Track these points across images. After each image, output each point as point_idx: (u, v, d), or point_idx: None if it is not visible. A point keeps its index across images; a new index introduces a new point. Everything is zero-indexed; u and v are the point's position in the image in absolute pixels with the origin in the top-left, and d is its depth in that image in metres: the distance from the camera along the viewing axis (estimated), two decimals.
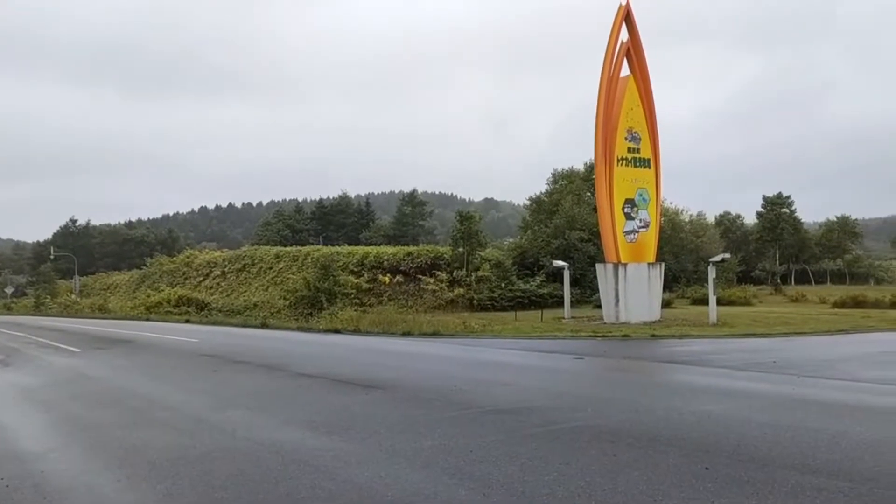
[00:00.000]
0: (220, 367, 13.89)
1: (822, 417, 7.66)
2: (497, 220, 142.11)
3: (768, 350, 15.48)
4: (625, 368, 13.65)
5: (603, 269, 24.76)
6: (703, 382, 10.87)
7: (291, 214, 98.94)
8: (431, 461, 5.93)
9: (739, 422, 7.39)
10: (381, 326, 24.14)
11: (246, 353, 17.19)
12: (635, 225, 25.05)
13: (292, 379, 11.90)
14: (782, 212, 69.63)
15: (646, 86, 25.61)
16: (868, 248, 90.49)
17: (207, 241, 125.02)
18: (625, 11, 24.83)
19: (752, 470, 5.47)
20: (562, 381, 11.48)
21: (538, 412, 8.16)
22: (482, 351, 16.72)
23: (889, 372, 11.62)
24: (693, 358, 14.31)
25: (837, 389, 9.80)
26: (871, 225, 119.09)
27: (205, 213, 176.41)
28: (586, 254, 38.00)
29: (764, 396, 9.22)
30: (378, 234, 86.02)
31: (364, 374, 12.29)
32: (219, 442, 6.96)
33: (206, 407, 9.18)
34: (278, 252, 49.32)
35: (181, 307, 42.13)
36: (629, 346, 17.60)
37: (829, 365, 12.68)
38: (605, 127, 24.35)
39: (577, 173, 53.38)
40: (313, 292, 34.12)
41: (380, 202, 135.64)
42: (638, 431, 6.98)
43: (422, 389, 10.25)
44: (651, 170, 25.64)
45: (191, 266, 54.73)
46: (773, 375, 11.25)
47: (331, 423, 7.68)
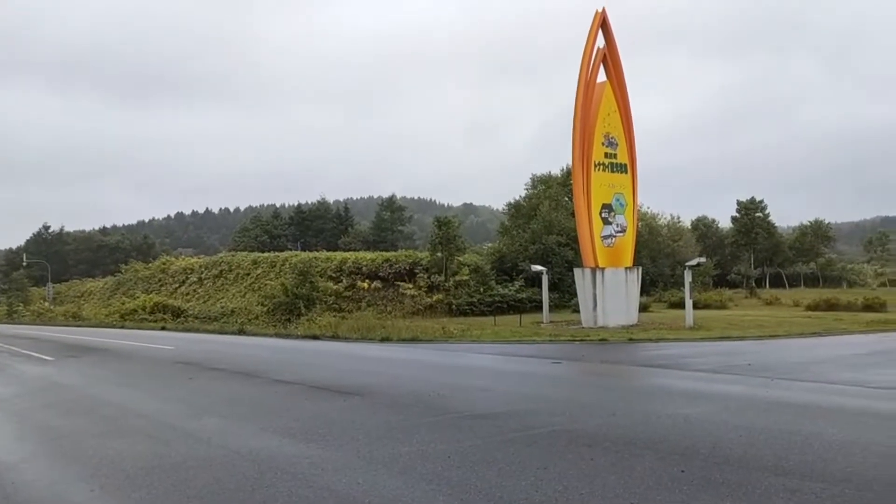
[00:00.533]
0: (196, 375, 13.74)
1: (796, 419, 7.76)
2: (476, 225, 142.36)
3: (743, 353, 15.65)
4: (602, 372, 13.72)
5: (581, 274, 24.91)
6: (680, 386, 10.96)
7: (269, 220, 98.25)
8: (409, 467, 5.92)
9: (715, 424, 7.46)
10: (359, 332, 24.04)
11: (222, 360, 17.03)
12: (612, 230, 25.24)
13: (269, 386, 11.80)
14: (756, 216, 70.58)
15: (622, 92, 25.85)
16: (841, 251, 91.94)
17: (184, 248, 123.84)
18: (601, 18, 25.07)
19: (727, 472, 5.52)
20: (540, 386, 11.52)
21: (516, 417, 8.17)
22: (461, 356, 16.72)
23: (861, 374, 11.80)
24: (669, 361, 14.42)
25: (810, 391, 9.93)
26: (843, 229, 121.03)
27: (181, 219, 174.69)
28: (564, 258, 38.22)
29: (739, 399, 9.32)
30: (357, 240, 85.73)
31: (342, 380, 12.23)
32: (194, 450, 6.88)
33: (182, 415, 9.08)
34: (256, 258, 48.97)
35: (157, 314, 41.66)
36: (607, 349, 17.71)
37: (802, 367, 12.85)
38: (582, 132, 24.53)
39: (554, 178, 53.64)
40: (291, 298, 33.94)
41: (358, 207, 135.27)
42: (615, 435, 7.02)
43: (400, 395, 10.22)
44: (628, 175, 25.87)
45: (167, 273, 54.13)
46: (748, 378, 11.37)
47: (308, 430, 7.63)
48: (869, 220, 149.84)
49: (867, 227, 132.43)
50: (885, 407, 8.62)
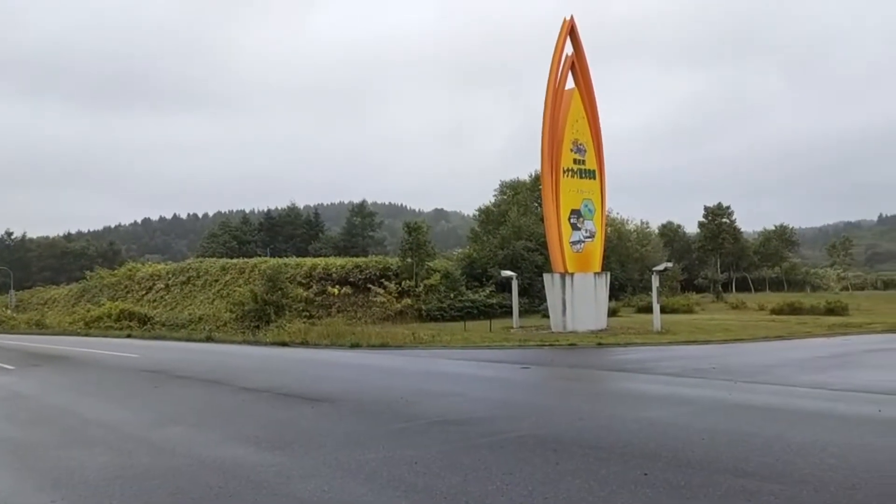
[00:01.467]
0: (162, 383, 13.55)
1: (758, 422, 7.90)
2: (447, 231, 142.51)
3: (708, 357, 15.90)
4: (570, 377, 13.83)
5: (550, 279, 25.09)
6: (646, 389, 11.10)
7: (238, 226, 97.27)
8: (375, 474, 5.91)
9: (679, 428, 7.57)
10: (329, 339, 23.93)
11: (189, 367, 16.82)
12: (581, 235, 25.48)
13: (236, 394, 11.69)
14: (723, 221, 71.70)
15: (590, 98, 26.15)
16: (804, 256, 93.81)
17: (150, 254, 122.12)
18: (569, 26, 25.35)
19: (689, 475, 5.61)
20: (508, 391, 11.58)
21: (484, 422, 8.21)
22: (431, 362, 16.72)
23: (822, 376, 12.07)
24: (637, 365, 14.59)
25: (773, 394, 10.12)
26: (807, 234, 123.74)
27: (148, 225, 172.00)
28: (534, 263, 38.45)
29: (703, 402, 9.47)
30: (327, 246, 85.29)
31: (310, 387, 12.16)
32: (158, 460, 6.79)
33: (146, 424, 8.95)
34: (224, 264, 48.43)
35: (122, 321, 40.98)
36: (575, 354, 17.86)
37: (765, 370, 13.10)
38: (550, 139, 24.75)
39: (523, 184, 54.01)
40: (260, 305, 33.66)
41: (329, 213, 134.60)
42: (581, 439, 7.09)
43: (369, 402, 10.19)
44: (596, 181, 26.15)
45: (133, 279, 53.26)
46: (713, 381, 11.56)
47: (275, 438, 7.57)
48: (832, 226, 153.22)
49: (830, 232, 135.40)
50: (843, 409, 8.82)
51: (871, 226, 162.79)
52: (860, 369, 13.14)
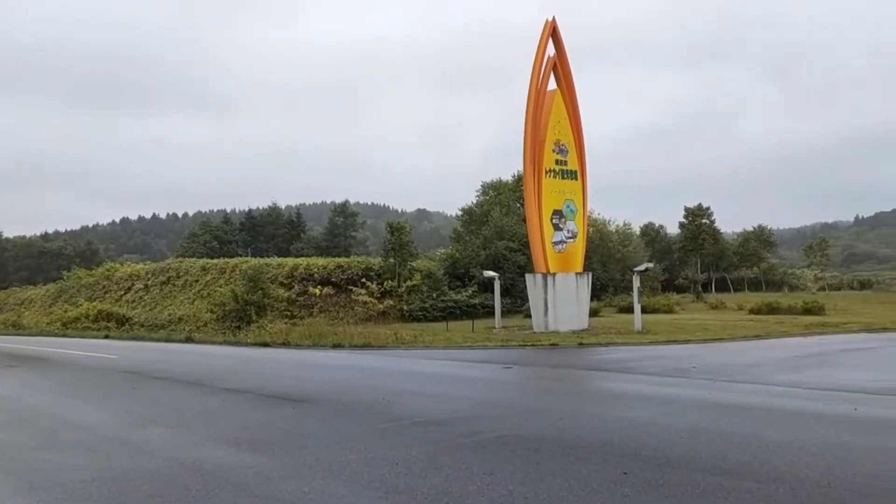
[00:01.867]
0: (140, 384, 13.42)
1: (736, 420, 7.99)
2: (430, 231, 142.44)
3: (688, 356, 16.03)
4: (552, 377, 13.89)
5: (532, 279, 25.17)
6: (627, 389, 11.18)
7: (219, 225, 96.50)
8: (356, 475, 5.90)
9: (658, 427, 7.63)
10: (311, 339, 23.83)
11: (168, 368, 16.67)
12: (563, 235, 25.57)
13: (216, 394, 11.60)
14: (703, 222, 72.30)
15: (572, 99, 26.25)
16: (782, 256, 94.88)
17: (129, 254, 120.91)
18: (551, 27, 25.43)
19: (668, 473, 5.66)
20: (490, 391, 11.60)
21: (465, 422, 8.22)
22: (413, 362, 16.71)
23: (799, 375, 12.22)
24: (618, 365, 14.69)
25: (750, 393, 10.24)
26: (784, 235, 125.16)
27: (127, 225, 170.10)
28: (516, 264, 38.54)
29: (682, 401, 9.55)
30: (309, 246, 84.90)
31: (292, 387, 12.11)
32: (136, 462, 6.72)
33: (124, 425, 8.86)
34: (205, 264, 48.00)
35: (101, 322, 40.47)
36: (557, 354, 17.93)
37: (743, 370, 13.24)
38: (533, 139, 24.83)
39: (506, 184, 54.14)
40: (241, 305, 33.42)
41: (311, 213, 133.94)
42: (562, 439, 7.12)
43: (350, 402, 10.16)
44: (578, 181, 26.27)
45: (111, 279, 52.64)
46: (692, 381, 11.67)
47: (255, 439, 7.53)
48: (809, 227, 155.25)
49: (807, 233, 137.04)
50: (819, 408, 8.93)
51: (848, 227, 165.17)
52: (836, 368, 13.31)
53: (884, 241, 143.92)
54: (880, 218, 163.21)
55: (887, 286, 70.44)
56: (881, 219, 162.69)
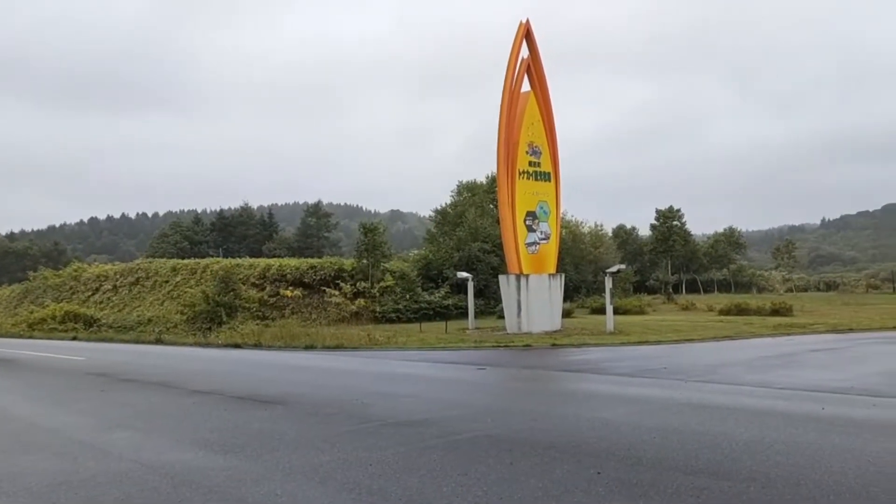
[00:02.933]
0: (108, 387, 13.19)
1: (706, 420, 8.08)
2: (403, 232, 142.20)
3: (660, 357, 16.20)
4: (525, 378, 13.93)
5: (506, 281, 25.24)
6: (599, 389, 11.25)
7: (190, 226, 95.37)
8: (329, 477, 5.85)
9: (631, 427, 7.69)
10: (283, 340, 23.64)
11: (137, 370, 16.41)
12: (537, 237, 25.69)
13: (186, 396, 11.44)
14: (674, 224, 73.10)
15: (546, 101, 26.39)
16: (751, 258, 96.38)
17: (97, 254, 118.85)
18: (525, 29, 25.54)
19: (641, 473, 5.70)
20: (463, 392, 11.59)
21: (439, 423, 8.20)
22: (386, 363, 16.65)
23: (767, 375, 12.40)
24: (590, 366, 14.79)
25: (720, 393, 10.36)
26: (753, 237, 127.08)
27: (95, 225, 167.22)
28: (489, 265, 38.62)
29: (654, 402, 9.63)
30: (281, 246, 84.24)
31: (263, 389, 11.98)
32: (104, 465, 6.59)
33: (92, 428, 8.69)
34: (175, 265, 47.41)
35: (68, 323, 39.75)
36: (530, 355, 17.99)
37: (713, 370, 13.40)
38: (506, 141, 24.91)
39: (479, 186, 54.20)
40: (212, 306, 33.07)
41: (283, 213, 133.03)
42: (535, 439, 7.14)
43: (323, 404, 10.09)
44: (551, 183, 26.41)
45: (79, 280, 51.75)
46: (663, 381, 11.78)
47: (226, 442, 7.43)
48: (776, 229, 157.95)
49: (775, 235, 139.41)
50: (788, 407, 9.07)
51: (814, 229, 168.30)
52: (804, 369, 13.53)
53: (849, 243, 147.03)
54: (846, 220, 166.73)
55: (852, 288, 71.83)
56: (846, 221, 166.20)
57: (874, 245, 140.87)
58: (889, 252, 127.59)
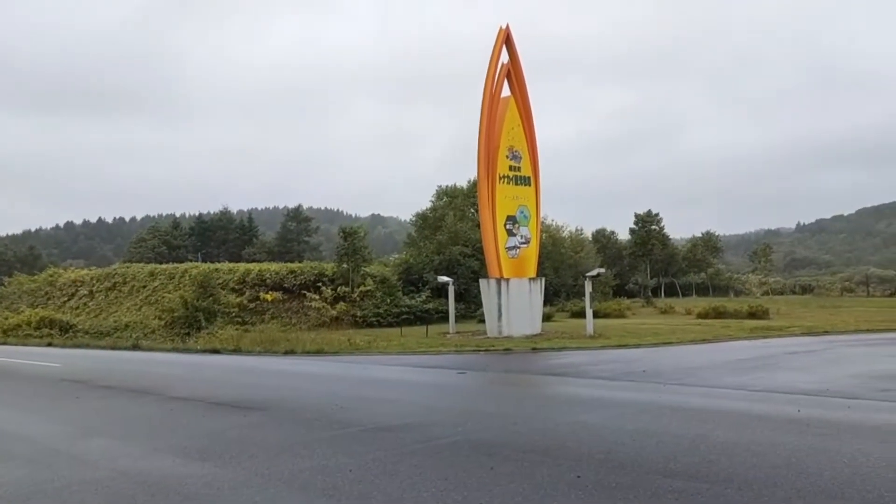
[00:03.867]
0: (84, 393, 13.01)
1: (684, 423, 8.14)
2: (384, 236, 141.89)
3: (639, 360, 16.30)
4: (506, 382, 13.96)
5: (486, 285, 25.28)
6: (579, 393, 11.30)
7: (168, 230, 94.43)
8: (309, 483, 5.81)
9: (610, 430, 7.73)
10: (262, 345, 23.45)
11: (113, 377, 16.20)
12: (517, 241, 25.77)
13: (164, 403, 11.31)
14: (652, 228, 73.69)
15: (526, 106, 26.50)
16: (728, 262, 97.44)
17: (74, 259, 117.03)
18: (505, 35, 25.64)
19: (620, 476, 5.73)
20: (444, 397, 11.59)
21: (419, 428, 8.19)
22: (366, 368, 16.59)
23: (745, 378, 12.53)
24: (570, 370, 14.84)
25: (699, 396, 10.46)
26: (730, 241, 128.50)
27: (71, 229, 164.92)
28: (470, 269, 38.66)
29: (633, 405, 9.69)
30: (261, 251, 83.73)
31: (242, 395, 11.89)
32: (80, 474, 6.50)
33: (67, 436, 8.57)
34: (153, 269, 46.91)
35: (43, 329, 39.08)
36: (511, 359, 18.03)
37: (692, 373, 13.52)
38: (487, 145, 24.97)
39: (460, 190, 54.29)
40: (191, 311, 32.71)
41: (264, 218, 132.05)
42: (515, 444, 7.15)
43: (303, 409, 10.04)
44: (532, 187, 26.51)
45: (54, 285, 51.01)
46: (643, 384, 11.87)
47: (204, 449, 7.36)
48: (753, 233, 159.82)
49: (751, 239, 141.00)
50: (764, 409, 9.17)
51: (790, 233, 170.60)
52: (780, 371, 13.69)
53: (824, 247, 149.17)
54: (821, 224, 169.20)
55: (827, 291, 72.92)
56: (822, 225, 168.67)
57: (849, 249, 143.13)
58: (863, 255, 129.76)
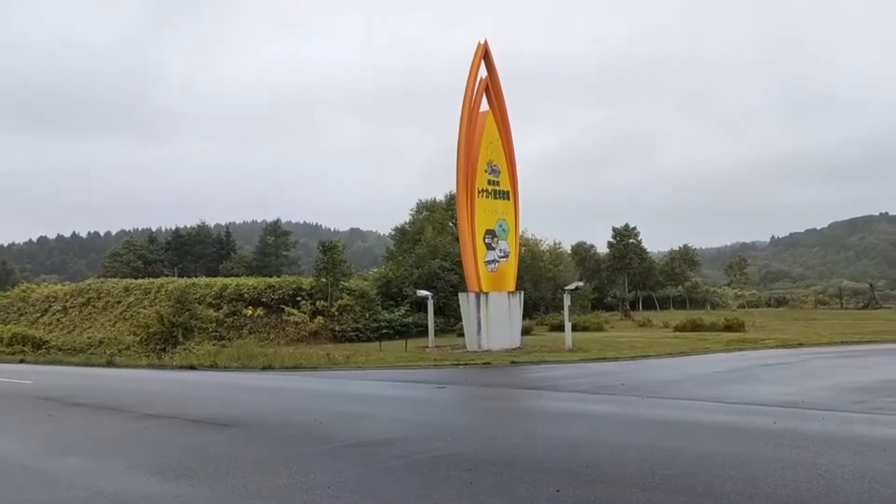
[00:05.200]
0: (57, 411, 12.78)
1: (663, 436, 8.19)
2: (363, 251, 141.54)
3: (617, 373, 16.38)
4: (485, 396, 13.94)
5: (465, 298, 25.28)
6: (558, 407, 11.32)
7: (144, 244, 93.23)
8: (287, 500, 5.75)
9: (589, 443, 7.75)
10: (240, 361, 23.23)
11: (87, 394, 15.94)
12: (496, 255, 25.83)
13: (138, 420, 11.14)
14: (630, 242, 74.33)
15: (504, 121, 26.67)
16: (705, 275, 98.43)
17: (47, 274, 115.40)
18: (483, 50, 25.84)
19: (599, 489, 5.74)
20: (423, 411, 11.55)
21: (399, 443, 8.15)
22: (345, 383, 16.49)
23: (722, 390, 12.64)
24: (549, 383, 14.87)
25: (676, 409, 10.53)
26: (707, 254, 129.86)
27: (44, 243, 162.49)
28: (449, 283, 38.65)
29: (612, 418, 9.73)
30: (239, 265, 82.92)
31: (219, 411, 11.75)
32: (52, 493, 6.38)
33: (39, 455, 8.41)
34: (128, 284, 46.31)
35: (15, 346, 38.37)
36: (490, 373, 18.02)
37: (670, 386, 13.62)
38: (466, 159, 25.07)
39: (439, 204, 54.41)
40: (167, 327, 32.35)
41: (242, 232, 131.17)
42: (495, 458, 7.14)
43: (280, 425, 9.94)
44: (510, 201, 26.64)
45: (27, 301, 50.13)
46: (621, 397, 11.92)
47: (179, 467, 7.25)
48: (728, 246, 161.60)
49: (727, 252, 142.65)
50: (742, 421, 9.25)
51: (765, 247, 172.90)
52: (756, 383, 13.83)
53: (798, 260, 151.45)
54: (795, 238, 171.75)
55: (801, 303, 73.91)
56: (795, 239, 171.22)
57: (822, 262, 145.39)
58: (836, 268, 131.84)
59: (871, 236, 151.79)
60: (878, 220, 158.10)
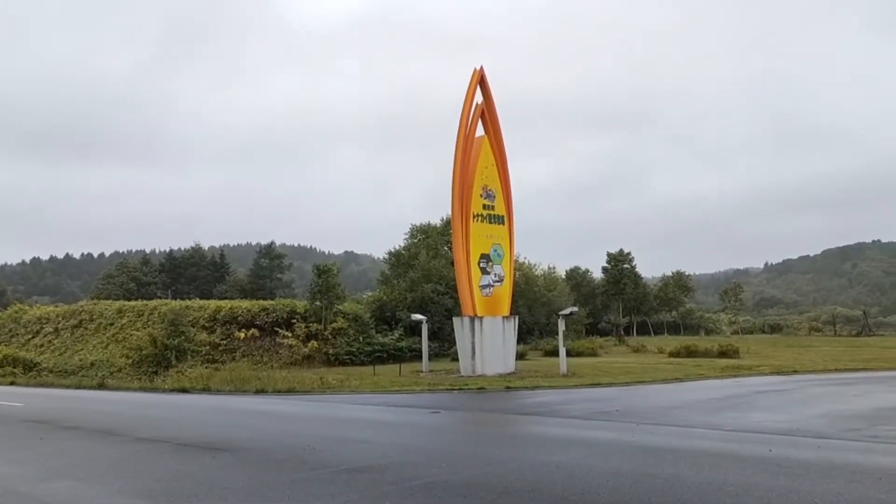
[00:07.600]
0: (48, 434, 12.65)
1: (658, 463, 8.15)
2: (357, 274, 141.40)
3: (612, 399, 16.34)
4: (479, 421, 13.88)
5: (460, 323, 25.26)
6: (553, 433, 11.26)
7: (137, 266, 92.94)
8: None
9: (584, 470, 7.71)
10: (233, 384, 23.08)
11: (78, 417, 15.80)
12: (491, 279, 25.86)
13: (130, 444, 11.04)
14: (624, 267, 74.44)
15: (500, 146, 26.86)
16: (699, 301, 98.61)
17: (40, 295, 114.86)
18: (479, 76, 26.11)
19: None
20: (418, 437, 11.48)
21: (393, 469, 8.09)
22: (339, 408, 16.40)
23: (717, 417, 12.61)
24: (544, 409, 14.81)
25: (672, 435, 10.49)
26: (701, 280, 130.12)
27: (37, 265, 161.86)
28: (443, 307, 38.61)
29: (607, 444, 9.69)
30: (233, 288, 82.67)
31: (211, 436, 11.65)
32: None
33: (29, 479, 8.31)
34: (121, 306, 46.12)
35: (6, 367, 38.05)
36: (484, 398, 17.94)
37: (665, 412, 13.57)
38: (461, 184, 25.20)
39: (434, 228, 54.46)
40: (160, 349, 32.16)
41: (236, 255, 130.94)
42: (490, 485, 7.09)
43: (273, 450, 9.86)
44: (505, 226, 26.73)
45: (19, 322, 49.83)
46: (616, 424, 11.87)
47: (171, 492, 7.18)
48: (723, 272, 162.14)
49: (721, 278, 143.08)
50: (737, 449, 9.22)
51: (758, 273, 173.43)
52: (751, 411, 13.80)
53: (791, 286, 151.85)
54: (788, 265, 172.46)
55: (795, 330, 73.99)
56: (789, 265, 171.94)
57: (815, 289, 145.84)
58: (829, 295, 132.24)
59: (863, 263, 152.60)
60: (871, 248, 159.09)
